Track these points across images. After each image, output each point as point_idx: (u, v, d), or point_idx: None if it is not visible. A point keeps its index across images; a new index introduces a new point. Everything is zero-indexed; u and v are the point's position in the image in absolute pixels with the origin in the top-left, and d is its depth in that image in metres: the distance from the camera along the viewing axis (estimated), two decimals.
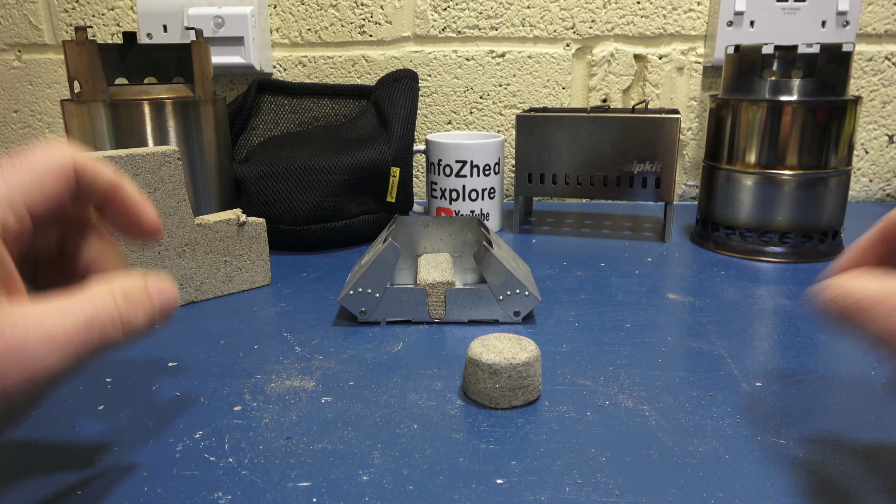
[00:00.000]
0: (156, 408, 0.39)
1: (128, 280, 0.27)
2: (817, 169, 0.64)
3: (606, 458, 0.33)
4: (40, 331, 0.23)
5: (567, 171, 0.73)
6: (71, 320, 0.24)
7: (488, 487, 0.31)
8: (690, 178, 0.96)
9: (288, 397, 0.40)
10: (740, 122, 0.66)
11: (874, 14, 0.87)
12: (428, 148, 0.78)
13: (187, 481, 0.32)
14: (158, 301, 0.27)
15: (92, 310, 0.24)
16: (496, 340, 0.40)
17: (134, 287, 0.26)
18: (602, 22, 0.89)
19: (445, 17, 0.91)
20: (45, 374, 0.23)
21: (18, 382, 0.22)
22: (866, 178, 0.94)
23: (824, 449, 0.34)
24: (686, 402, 0.39)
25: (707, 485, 0.31)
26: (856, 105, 0.64)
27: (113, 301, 0.25)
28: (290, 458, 0.34)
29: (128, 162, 0.50)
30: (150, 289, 0.27)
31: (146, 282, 0.27)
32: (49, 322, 0.23)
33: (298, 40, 0.93)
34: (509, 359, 0.37)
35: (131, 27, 0.94)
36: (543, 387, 0.41)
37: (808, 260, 0.66)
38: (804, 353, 0.45)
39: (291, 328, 0.50)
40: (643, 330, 0.49)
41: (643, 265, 0.65)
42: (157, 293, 0.27)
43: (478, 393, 0.38)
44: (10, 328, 0.22)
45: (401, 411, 0.38)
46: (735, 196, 0.67)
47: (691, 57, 0.90)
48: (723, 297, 0.56)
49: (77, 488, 0.31)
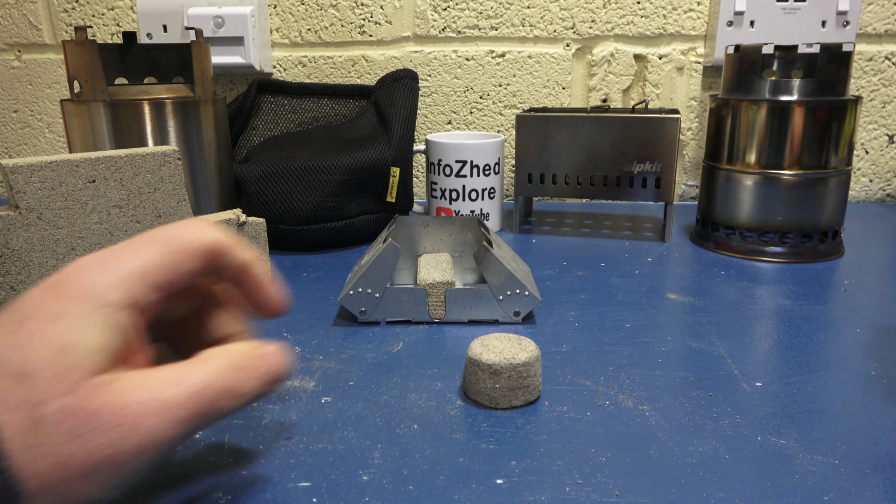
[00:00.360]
0: None
1: (242, 350, 0.28)
2: (817, 169, 0.64)
3: (606, 458, 0.33)
4: (156, 400, 0.24)
5: (567, 171, 0.73)
6: (184, 389, 0.25)
7: (488, 487, 0.31)
8: (690, 178, 0.96)
9: (288, 397, 0.40)
10: (740, 122, 0.66)
11: (874, 14, 0.87)
12: (428, 148, 0.78)
13: (187, 481, 0.32)
14: (270, 371, 0.28)
15: (205, 379, 0.26)
16: (496, 341, 0.40)
17: (247, 357, 0.28)
18: (602, 22, 0.89)
19: (445, 17, 0.91)
20: (157, 442, 0.24)
21: (131, 449, 0.23)
22: (866, 178, 0.94)
23: (824, 449, 0.34)
24: (686, 402, 0.39)
25: (707, 485, 0.31)
26: (856, 105, 0.64)
27: (226, 371, 0.26)
28: (290, 458, 0.34)
29: (128, 162, 0.50)
30: (263, 359, 0.28)
31: (260, 352, 0.28)
32: (165, 392, 0.24)
33: (298, 40, 0.93)
34: (509, 359, 0.37)
35: (131, 27, 0.94)
36: (543, 387, 0.41)
37: (808, 260, 0.66)
38: (804, 353, 0.45)
39: (291, 328, 0.50)
40: (643, 330, 0.49)
41: (643, 265, 0.65)
42: (269, 363, 0.28)
43: (478, 393, 0.38)
44: (127, 396, 0.24)
45: (401, 411, 0.38)
46: (735, 196, 0.67)
47: (691, 57, 0.90)
48: (723, 297, 0.56)
49: None
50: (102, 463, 0.23)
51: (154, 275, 0.27)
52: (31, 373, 0.23)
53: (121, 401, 0.23)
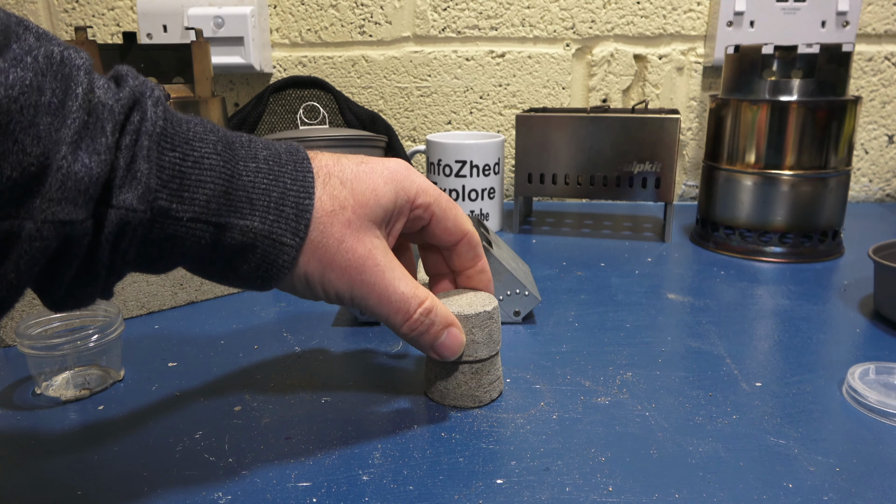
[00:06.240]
0: (156, 407, 0.39)
1: (443, 310, 0.34)
2: (817, 169, 0.64)
3: (606, 457, 0.33)
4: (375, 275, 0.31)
5: (567, 171, 0.73)
6: (387, 288, 0.31)
7: (488, 487, 0.31)
8: (690, 178, 0.96)
9: (288, 397, 0.40)
10: (740, 122, 0.66)
11: (874, 14, 0.87)
12: (428, 148, 0.78)
13: (187, 481, 0.32)
14: (442, 338, 0.34)
15: (403, 300, 0.32)
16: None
17: (440, 316, 0.34)
18: (602, 22, 0.89)
19: (445, 17, 0.91)
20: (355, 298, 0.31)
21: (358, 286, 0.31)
22: (866, 178, 0.94)
23: (824, 449, 0.34)
24: (686, 402, 0.39)
25: (707, 485, 0.31)
26: (856, 105, 0.64)
27: (417, 309, 0.32)
28: (290, 458, 0.34)
29: None
30: (446, 328, 0.34)
31: (452, 321, 0.34)
32: (385, 278, 0.31)
33: (298, 40, 0.93)
34: None
35: (131, 27, 0.94)
36: (543, 387, 0.41)
37: (808, 260, 0.66)
38: (804, 353, 0.45)
39: (291, 328, 0.50)
40: (643, 330, 0.49)
41: (643, 265, 0.65)
42: (447, 334, 0.34)
43: (457, 393, 0.38)
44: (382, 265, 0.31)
45: (401, 411, 0.38)
46: (735, 196, 0.67)
47: (691, 57, 0.90)
48: (723, 297, 0.56)
49: (77, 488, 0.31)
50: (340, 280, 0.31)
51: None
52: (354, 190, 0.31)
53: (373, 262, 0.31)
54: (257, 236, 0.28)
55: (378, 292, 0.31)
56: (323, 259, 0.30)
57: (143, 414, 0.38)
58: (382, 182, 0.32)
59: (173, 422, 0.37)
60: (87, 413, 0.38)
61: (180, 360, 0.45)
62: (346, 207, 0.30)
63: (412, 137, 0.96)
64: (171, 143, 0.26)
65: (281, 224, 0.29)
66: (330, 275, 0.30)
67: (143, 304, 0.53)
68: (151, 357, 0.46)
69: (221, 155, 0.28)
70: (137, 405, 0.39)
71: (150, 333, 0.50)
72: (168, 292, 0.54)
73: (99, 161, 0.24)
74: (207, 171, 0.27)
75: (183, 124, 0.27)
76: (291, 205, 0.29)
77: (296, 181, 0.30)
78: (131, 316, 0.52)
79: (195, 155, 0.27)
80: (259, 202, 0.28)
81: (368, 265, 0.31)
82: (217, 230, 0.28)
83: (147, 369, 0.44)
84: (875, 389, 0.39)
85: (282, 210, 0.29)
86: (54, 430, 0.37)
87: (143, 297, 0.53)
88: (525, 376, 0.42)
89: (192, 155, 0.27)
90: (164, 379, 0.42)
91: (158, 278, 0.53)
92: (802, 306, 0.53)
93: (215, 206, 0.27)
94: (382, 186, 0.32)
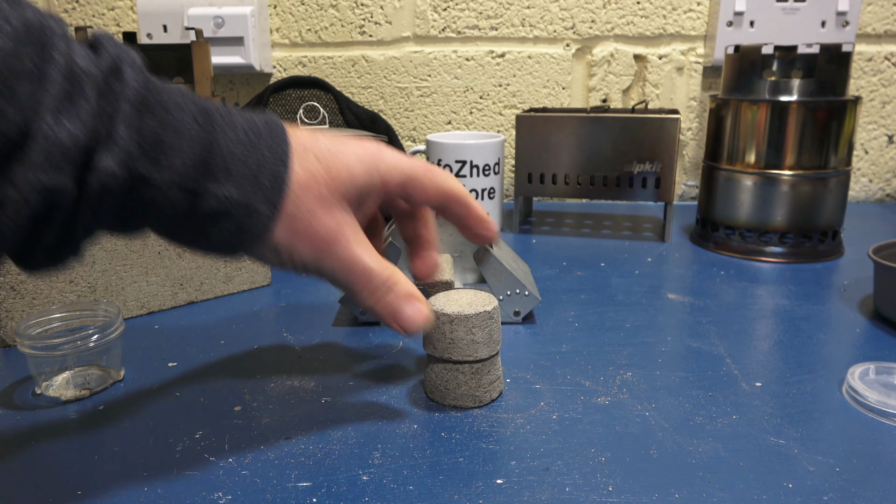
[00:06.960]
0: (156, 408, 0.39)
1: (406, 283, 0.34)
2: (817, 169, 0.64)
3: (606, 457, 0.33)
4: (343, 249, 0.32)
5: (567, 171, 0.73)
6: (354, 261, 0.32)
7: (488, 487, 0.31)
8: (690, 178, 0.96)
9: (288, 397, 0.40)
10: (740, 122, 0.66)
11: (874, 14, 0.87)
12: (428, 148, 0.78)
13: (187, 481, 0.32)
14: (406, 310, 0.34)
15: (368, 272, 0.32)
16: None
17: (401, 286, 0.34)
18: (602, 22, 0.89)
19: (445, 17, 0.91)
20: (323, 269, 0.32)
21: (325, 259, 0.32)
22: (866, 178, 0.94)
23: (824, 449, 0.34)
24: (686, 402, 0.39)
25: (707, 485, 0.31)
26: (855, 105, 0.64)
27: (382, 283, 0.33)
28: (290, 458, 0.34)
29: None
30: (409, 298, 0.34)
31: (414, 296, 0.34)
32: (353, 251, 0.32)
33: (298, 40, 0.93)
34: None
35: (131, 27, 0.94)
36: (543, 387, 0.41)
37: (808, 260, 0.66)
38: (804, 353, 0.45)
39: (291, 328, 0.50)
40: (643, 330, 0.49)
41: (643, 265, 0.65)
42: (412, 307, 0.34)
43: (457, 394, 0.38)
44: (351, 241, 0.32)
45: (400, 411, 0.38)
46: (735, 196, 0.67)
47: (691, 57, 0.90)
48: (722, 297, 0.56)
49: (77, 488, 0.31)
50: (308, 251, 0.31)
51: None
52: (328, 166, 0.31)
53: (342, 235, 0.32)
54: (233, 204, 0.29)
55: (345, 265, 0.32)
56: (294, 230, 0.31)
57: (143, 414, 0.38)
58: (356, 160, 0.32)
59: (173, 422, 0.37)
60: (87, 413, 0.38)
61: (180, 360, 0.45)
62: (320, 182, 0.31)
63: (412, 137, 0.96)
64: (150, 110, 0.27)
65: (257, 193, 0.29)
66: (299, 245, 0.31)
67: (143, 304, 0.53)
68: (151, 357, 0.46)
69: (200, 123, 0.28)
70: (137, 405, 0.39)
71: (150, 333, 0.50)
72: (168, 292, 0.54)
73: (83, 128, 0.24)
74: (186, 138, 0.27)
75: (163, 92, 0.27)
76: (268, 174, 0.29)
77: (273, 152, 0.30)
78: (131, 316, 0.52)
79: (174, 122, 0.27)
80: (236, 171, 0.29)
81: (337, 238, 0.32)
82: (194, 197, 0.28)
83: (147, 369, 0.44)
84: (875, 389, 0.39)
85: (258, 179, 0.29)
86: (54, 430, 0.37)
87: (143, 297, 0.53)
88: (525, 376, 0.42)
89: (171, 122, 0.27)
90: (164, 379, 0.42)
91: (158, 278, 0.53)
92: (802, 306, 0.53)
93: (192, 174, 0.27)
94: (357, 165, 0.32)
